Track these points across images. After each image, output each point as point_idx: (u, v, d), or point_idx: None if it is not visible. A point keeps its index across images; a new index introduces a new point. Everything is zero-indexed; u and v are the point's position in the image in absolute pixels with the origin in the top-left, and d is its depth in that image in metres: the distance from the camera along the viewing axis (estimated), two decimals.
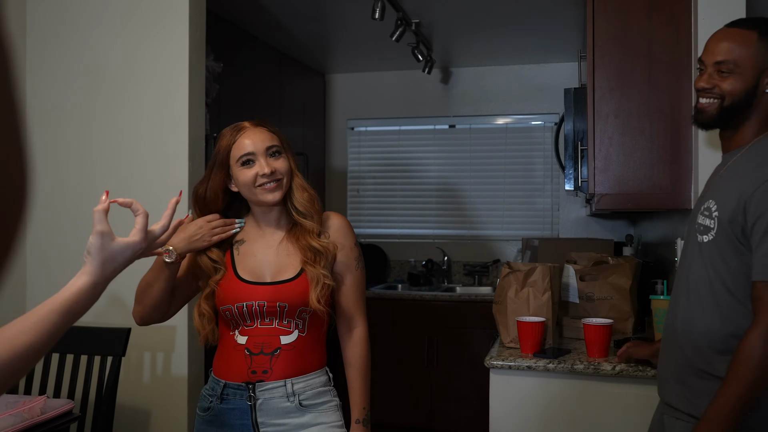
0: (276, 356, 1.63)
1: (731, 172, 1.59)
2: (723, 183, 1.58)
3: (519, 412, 2.25)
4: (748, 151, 1.59)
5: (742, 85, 1.57)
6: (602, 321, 2.29)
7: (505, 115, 4.90)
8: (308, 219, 1.67)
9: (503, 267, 2.56)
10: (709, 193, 1.62)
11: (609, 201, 2.46)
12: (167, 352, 2.66)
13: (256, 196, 1.65)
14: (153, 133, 2.69)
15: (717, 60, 1.59)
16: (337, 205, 5.14)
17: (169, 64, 2.68)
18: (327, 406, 1.67)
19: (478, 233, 4.91)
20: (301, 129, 4.68)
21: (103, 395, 2.36)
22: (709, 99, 1.60)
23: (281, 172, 1.64)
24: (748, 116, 1.59)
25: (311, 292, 1.62)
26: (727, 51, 1.58)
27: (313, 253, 1.65)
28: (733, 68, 1.57)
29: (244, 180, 1.63)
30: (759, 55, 1.56)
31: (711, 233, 1.55)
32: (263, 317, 1.63)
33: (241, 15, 3.69)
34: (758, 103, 1.58)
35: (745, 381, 1.43)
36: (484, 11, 3.70)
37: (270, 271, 1.67)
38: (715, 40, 1.63)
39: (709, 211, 1.57)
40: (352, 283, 1.74)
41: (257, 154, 1.63)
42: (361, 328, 1.76)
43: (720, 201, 1.55)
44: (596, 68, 2.47)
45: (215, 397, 1.66)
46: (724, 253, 1.53)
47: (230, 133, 1.67)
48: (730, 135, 1.64)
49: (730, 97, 1.57)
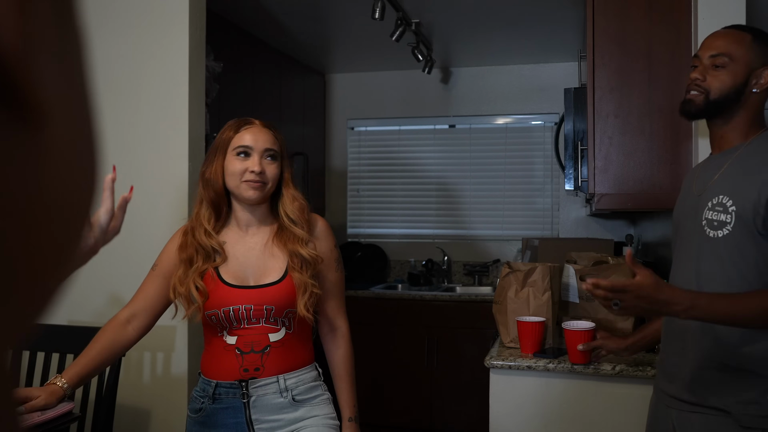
0: (267, 353, 1.64)
1: (737, 168, 1.60)
2: (733, 179, 1.60)
3: (519, 412, 2.25)
4: (752, 147, 1.61)
5: (732, 81, 1.61)
6: (584, 325, 2.20)
7: (505, 115, 4.90)
8: (298, 227, 1.69)
9: (503, 267, 2.56)
10: (715, 188, 1.63)
11: (609, 201, 2.46)
12: (167, 352, 2.66)
13: (238, 189, 1.67)
14: (153, 133, 2.69)
15: (712, 53, 1.64)
16: (337, 205, 5.14)
17: (169, 64, 2.68)
18: (319, 400, 1.69)
19: (478, 233, 4.91)
20: (301, 129, 4.68)
21: (103, 395, 2.36)
22: (696, 91, 1.65)
23: (269, 177, 1.67)
24: (737, 112, 1.64)
25: (299, 300, 1.64)
26: (723, 45, 1.63)
27: (301, 261, 1.67)
28: (727, 62, 1.62)
29: (233, 170, 1.66)
30: (751, 54, 1.62)
31: (727, 227, 1.56)
32: (250, 319, 1.64)
33: (241, 15, 3.69)
34: (746, 101, 1.63)
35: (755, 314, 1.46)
36: (483, 11, 3.70)
37: (253, 274, 1.68)
38: (712, 38, 1.69)
39: (723, 207, 1.58)
40: (334, 285, 1.77)
41: (254, 151, 1.66)
42: (343, 328, 1.80)
43: (736, 196, 1.56)
44: (596, 68, 2.47)
45: (207, 397, 1.66)
46: (742, 247, 1.55)
47: (237, 124, 1.70)
48: (721, 133, 1.68)
49: (716, 91, 1.63)
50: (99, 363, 1.68)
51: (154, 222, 2.63)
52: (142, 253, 2.63)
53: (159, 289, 1.72)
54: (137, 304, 1.72)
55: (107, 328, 1.71)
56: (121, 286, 2.64)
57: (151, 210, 2.64)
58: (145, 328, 1.73)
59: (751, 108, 1.63)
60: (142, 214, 2.63)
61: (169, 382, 2.66)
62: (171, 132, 2.68)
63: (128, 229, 1.28)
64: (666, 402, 1.70)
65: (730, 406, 1.54)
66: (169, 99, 2.68)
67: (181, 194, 2.65)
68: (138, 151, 2.71)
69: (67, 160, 0.26)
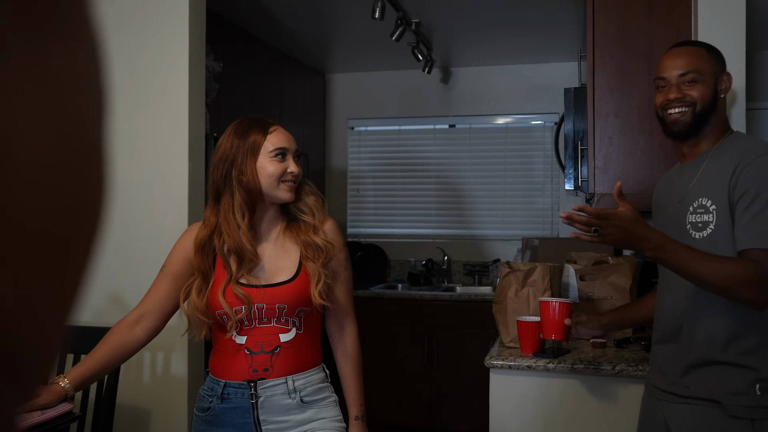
0: (276, 354, 1.64)
1: (712, 170, 1.68)
2: (709, 180, 1.67)
3: (519, 411, 2.25)
4: (721, 149, 1.69)
5: (708, 91, 1.70)
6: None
7: (505, 115, 4.90)
8: (308, 215, 1.71)
9: (503, 267, 2.56)
10: (694, 193, 1.70)
11: (609, 201, 2.46)
12: (167, 351, 2.66)
13: (275, 190, 1.66)
14: (153, 133, 2.69)
15: (681, 72, 1.71)
16: (337, 205, 5.14)
17: (169, 64, 2.68)
18: (327, 402, 1.69)
19: (478, 233, 4.91)
20: (301, 129, 4.68)
21: (103, 395, 2.36)
22: (681, 108, 1.70)
23: (300, 177, 1.70)
24: (711, 121, 1.72)
25: (313, 288, 1.64)
26: (688, 63, 1.71)
27: (314, 250, 1.67)
28: (698, 77, 1.70)
29: (271, 171, 1.65)
30: (712, 65, 1.73)
31: (710, 226, 1.63)
32: (261, 318, 1.64)
33: (241, 15, 3.69)
34: (717, 108, 1.72)
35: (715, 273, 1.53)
36: (484, 11, 3.70)
37: (264, 273, 1.67)
38: (670, 58, 1.75)
39: (705, 208, 1.65)
40: (343, 283, 1.77)
41: (289, 152, 1.69)
42: (352, 326, 1.81)
43: (713, 196, 1.63)
44: (596, 68, 2.47)
45: (215, 397, 1.66)
46: (724, 242, 1.61)
47: (261, 126, 1.69)
48: (694, 142, 1.75)
49: (701, 102, 1.69)
50: (105, 364, 1.68)
51: (154, 222, 2.63)
52: (142, 252, 2.63)
53: (168, 290, 1.72)
54: (146, 305, 1.72)
55: (115, 330, 1.70)
56: (120, 285, 2.64)
57: (151, 210, 2.64)
58: (154, 330, 1.72)
59: (720, 113, 1.73)
60: (142, 213, 2.63)
61: (169, 382, 2.66)
62: (171, 132, 2.67)
63: (128, 228, 1.28)
64: (656, 395, 1.76)
65: (719, 397, 1.60)
66: (169, 99, 2.68)
67: (181, 194, 2.64)
68: (138, 151, 2.71)
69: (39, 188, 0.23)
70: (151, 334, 1.72)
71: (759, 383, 1.57)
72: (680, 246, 1.58)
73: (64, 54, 0.25)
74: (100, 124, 0.26)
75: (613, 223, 1.52)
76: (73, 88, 0.25)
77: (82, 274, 0.26)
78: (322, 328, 1.78)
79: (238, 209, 1.65)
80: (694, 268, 1.54)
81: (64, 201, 0.25)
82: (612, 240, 1.57)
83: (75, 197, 0.25)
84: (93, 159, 0.26)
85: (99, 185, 0.27)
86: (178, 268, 1.71)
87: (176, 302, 1.72)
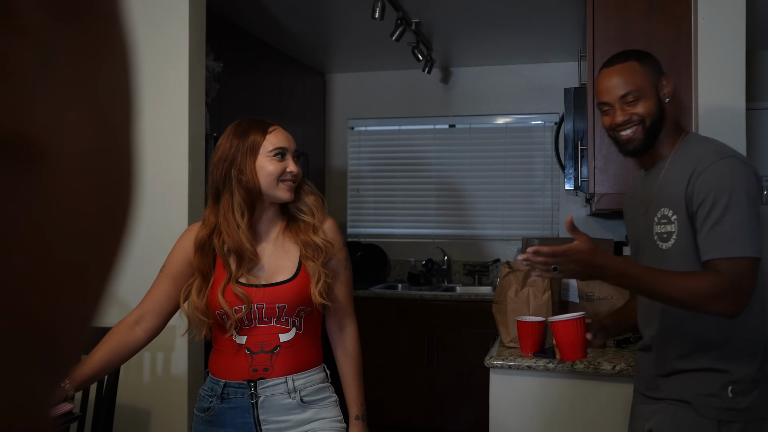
0: (276, 354, 1.64)
1: (670, 177, 1.68)
2: (668, 188, 1.68)
3: (519, 411, 2.25)
4: (678, 154, 1.70)
5: (653, 104, 1.70)
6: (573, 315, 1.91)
7: (505, 115, 4.90)
8: (308, 215, 1.71)
9: (503, 267, 2.56)
10: (656, 203, 1.71)
11: (609, 201, 2.46)
12: (167, 351, 2.66)
13: (274, 190, 1.67)
14: (153, 133, 2.69)
15: (621, 94, 1.70)
16: (337, 205, 5.14)
17: (169, 64, 2.68)
18: (327, 402, 1.69)
19: (478, 233, 4.91)
20: (301, 129, 4.68)
21: (103, 395, 2.36)
22: (631, 128, 1.71)
23: (299, 177, 1.70)
24: (663, 128, 1.72)
25: (313, 288, 1.64)
26: (624, 83, 1.70)
27: (314, 249, 1.67)
28: (639, 95, 1.70)
29: (270, 171, 1.65)
30: (647, 76, 1.71)
31: (673, 237, 1.65)
32: (261, 318, 1.64)
33: (241, 15, 3.69)
34: (666, 114, 1.72)
35: (680, 292, 1.53)
36: (484, 11, 3.70)
37: (264, 273, 1.68)
38: (606, 80, 1.74)
39: (667, 218, 1.66)
40: (343, 282, 1.77)
41: (288, 152, 1.69)
42: (352, 326, 1.81)
43: (672, 204, 1.65)
44: (596, 68, 2.47)
45: (215, 396, 1.66)
46: (686, 252, 1.62)
47: (260, 126, 1.69)
48: (652, 153, 1.75)
49: (649, 117, 1.69)
50: (105, 364, 1.68)
51: (154, 222, 2.63)
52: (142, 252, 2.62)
53: (168, 290, 1.72)
54: (146, 305, 1.72)
55: (115, 330, 1.70)
56: (120, 285, 2.63)
57: (151, 210, 2.64)
58: (154, 330, 1.72)
59: (670, 118, 1.73)
60: (142, 213, 2.63)
61: (169, 382, 2.66)
62: (171, 132, 2.67)
63: None
64: (638, 399, 1.81)
65: (690, 398, 1.63)
66: (169, 99, 2.68)
67: (181, 194, 2.65)
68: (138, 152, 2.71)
69: (77, 191, 0.23)
70: (151, 335, 1.72)
71: (731, 385, 1.59)
72: (642, 269, 1.58)
73: (99, 53, 0.24)
74: (131, 123, 0.27)
75: (571, 257, 1.52)
76: (108, 88, 0.25)
77: (112, 272, 0.27)
78: (322, 328, 1.78)
79: (237, 209, 1.65)
80: (659, 289, 1.55)
81: (100, 202, 0.25)
82: (573, 274, 1.57)
83: (110, 197, 0.26)
84: (126, 158, 0.27)
85: (130, 184, 0.27)
86: (177, 268, 1.71)
87: (176, 302, 1.72)
